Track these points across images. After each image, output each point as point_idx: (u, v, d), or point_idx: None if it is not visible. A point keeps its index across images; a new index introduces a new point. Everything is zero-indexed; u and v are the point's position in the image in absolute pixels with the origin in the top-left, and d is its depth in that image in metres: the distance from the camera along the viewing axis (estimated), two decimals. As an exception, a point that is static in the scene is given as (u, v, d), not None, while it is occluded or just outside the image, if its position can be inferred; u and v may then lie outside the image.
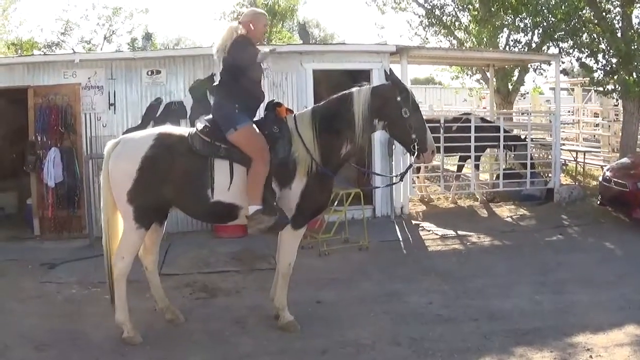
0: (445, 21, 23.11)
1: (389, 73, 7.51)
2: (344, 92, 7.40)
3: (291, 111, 7.63)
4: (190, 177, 7.15)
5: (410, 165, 8.23)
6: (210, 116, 7.46)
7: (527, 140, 16.44)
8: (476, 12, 21.68)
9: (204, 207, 7.27)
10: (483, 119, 17.03)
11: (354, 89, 7.38)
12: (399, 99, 7.15)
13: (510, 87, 21.54)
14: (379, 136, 13.57)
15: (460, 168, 17.02)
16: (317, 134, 7.23)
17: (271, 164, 7.09)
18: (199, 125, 7.38)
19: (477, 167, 16.36)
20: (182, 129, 7.76)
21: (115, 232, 7.50)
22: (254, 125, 7.26)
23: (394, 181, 12.17)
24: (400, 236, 12.76)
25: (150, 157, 7.09)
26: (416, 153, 7.23)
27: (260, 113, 7.63)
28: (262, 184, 7.05)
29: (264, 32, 7.72)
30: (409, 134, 7.19)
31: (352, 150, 7.44)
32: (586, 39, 17.73)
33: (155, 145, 7.16)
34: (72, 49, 36.39)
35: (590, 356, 6.76)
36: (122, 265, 7.23)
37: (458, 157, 16.89)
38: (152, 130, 7.58)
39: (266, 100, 7.74)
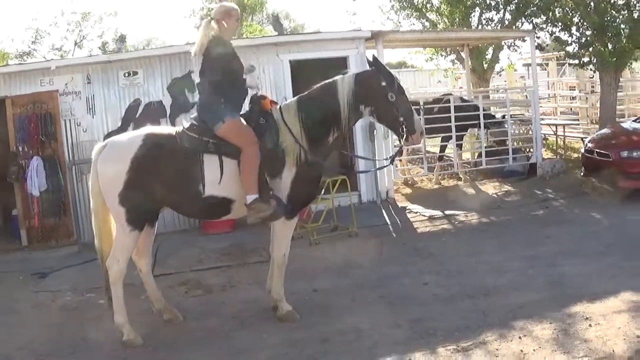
0: (416, 4, 23.12)
1: (371, 59, 7.50)
2: (328, 80, 7.44)
3: (275, 103, 7.65)
4: (181, 175, 7.16)
5: (400, 148, 8.29)
6: (196, 114, 7.48)
7: (503, 117, 16.63)
8: (447, -8, 21.74)
9: (197, 203, 7.27)
10: (462, 99, 17.08)
11: (337, 77, 7.42)
12: (383, 84, 7.18)
13: (485, 65, 21.61)
14: (359, 121, 13.58)
15: (443, 149, 17.07)
16: (303, 124, 7.27)
17: (260, 155, 7.10)
18: (186, 123, 7.40)
19: (459, 146, 16.42)
20: (169, 128, 7.80)
21: (108, 235, 7.49)
22: (241, 118, 7.27)
23: (384, 164, 12.21)
24: (388, 220, 12.83)
25: (140, 158, 7.08)
26: (405, 135, 7.26)
27: (245, 107, 7.64)
28: (256, 174, 7.07)
29: (237, 26, 7.75)
30: (396, 118, 7.22)
31: (340, 137, 7.50)
32: (559, 13, 17.80)
33: (144, 145, 7.15)
34: (44, 57, 36.18)
35: (590, 325, 6.82)
36: (118, 268, 7.22)
37: (440, 138, 16.93)
38: (140, 131, 7.57)
39: (250, 94, 7.75)
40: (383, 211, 13.54)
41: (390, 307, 7.95)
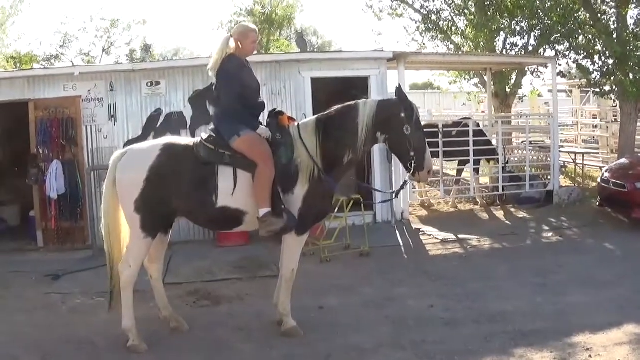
0: (441, 26, 23.11)
1: (396, 89, 7.50)
2: (350, 103, 7.53)
3: (293, 120, 7.75)
4: (196, 185, 7.28)
5: (405, 182, 8.31)
6: (213, 126, 7.59)
7: (507, 162, 16.75)
8: (472, 17, 21.73)
9: (210, 213, 7.38)
10: (478, 124, 17.09)
11: (360, 101, 7.54)
12: (403, 115, 7.24)
13: (508, 90, 21.57)
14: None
15: (460, 172, 17.09)
16: (320, 142, 7.35)
17: (274, 169, 7.20)
18: (204, 134, 7.53)
19: (476, 171, 16.43)
20: (188, 139, 7.93)
21: (117, 239, 7.63)
22: (257, 132, 7.38)
23: (389, 198, 12.37)
24: (401, 241, 12.80)
25: (157, 167, 7.23)
26: (412, 170, 7.33)
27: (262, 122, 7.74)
28: (269, 188, 7.16)
29: (253, 48, 7.84)
30: (407, 151, 7.28)
31: (355, 159, 7.58)
32: (582, 40, 17.82)
33: (162, 155, 7.31)
34: (71, 62, 36.43)
35: (590, 356, 6.85)
36: (129, 273, 7.35)
37: (457, 161, 16.95)
38: (159, 141, 7.72)
39: (267, 109, 7.86)
40: (397, 232, 13.54)
41: (394, 327, 7.98)
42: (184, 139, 8.07)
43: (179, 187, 7.27)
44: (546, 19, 19.03)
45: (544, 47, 20.31)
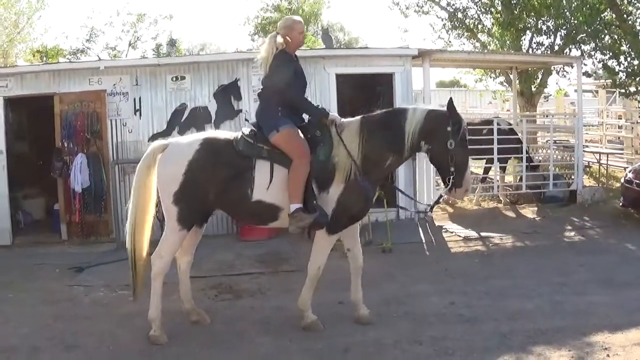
0: (468, 24, 23.13)
1: (448, 102, 7.35)
2: (398, 107, 7.59)
3: None
4: (233, 178, 7.35)
5: (440, 197, 8.30)
6: (255, 120, 7.71)
7: (539, 161, 16.71)
8: (499, 15, 21.71)
9: (246, 207, 7.46)
10: (509, 123, 17.05)
11: (409, 106, 7.57)
12: (449, 128, 7.17)
13: (533, 89, 21.50)
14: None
15: (487, 170, 17.06)
16: (363, 143, 7.33)
17: (311, 166, 7.25)
18: (246, 129, 7.64)
19: (503, 169, 16.42)
20: (228, 133, 7.93)
21: (141, 228, 7.69)
22: (297, 129, 7.44)
23: (423, 210, 12.70)
24: (423, 238, 12.81)
25: (196, 161, 7.32)
26: (450, 186, 7.30)
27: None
28: (303, 184, 7.21)
29: (301, 39, 7.88)
30: (447, 166, 7.23)
31: (396, 164, 7.68)
32: (608, 41, 17.74)
33: (201, 149, 7.39)
34: (97, 56, 36.59)
35: (608, 355, 6.82)
36: (161, 264, 7.47)
37: (485, 160, 16.91)
38: (199, 135, 7.85)
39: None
40: (420, 229, 13.51)
41: (414, 323, 7.98)
42: (224, 133, 8.07)
43: (216, 181, 7.35)
44: (572, 18, 18.96)
45: (570, 46, 20.25)
